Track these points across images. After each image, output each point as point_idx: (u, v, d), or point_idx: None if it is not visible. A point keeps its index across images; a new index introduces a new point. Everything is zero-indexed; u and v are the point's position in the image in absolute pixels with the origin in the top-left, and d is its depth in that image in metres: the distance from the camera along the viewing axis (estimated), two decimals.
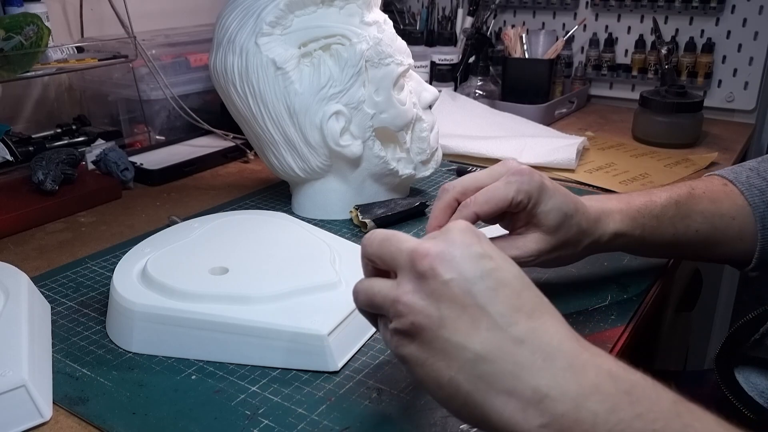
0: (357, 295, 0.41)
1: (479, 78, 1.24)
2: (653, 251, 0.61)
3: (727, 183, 0.61)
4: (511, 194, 0.49)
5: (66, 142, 0.94)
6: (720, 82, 1.28)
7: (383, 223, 0.73)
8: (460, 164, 0.96)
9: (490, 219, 0.52)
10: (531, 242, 0.52)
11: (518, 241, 0.52)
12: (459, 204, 0.50)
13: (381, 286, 0.39)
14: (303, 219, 0.70)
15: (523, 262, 0.52)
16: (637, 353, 0.60)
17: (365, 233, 0.73)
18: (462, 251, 0.36)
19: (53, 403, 0.46)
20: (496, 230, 0.55)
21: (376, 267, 0.41)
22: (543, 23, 1.42)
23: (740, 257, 0.60)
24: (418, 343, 0.36)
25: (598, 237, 0.54)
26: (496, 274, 0.36)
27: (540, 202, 0.50)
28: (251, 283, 0.53)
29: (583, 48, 1.40)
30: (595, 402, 0.31)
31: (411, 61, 0.75)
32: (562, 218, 0.51)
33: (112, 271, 0.56)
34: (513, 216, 0.52)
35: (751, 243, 0.59)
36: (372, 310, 0.40)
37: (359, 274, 0.42)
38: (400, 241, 0.39)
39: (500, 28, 1.45)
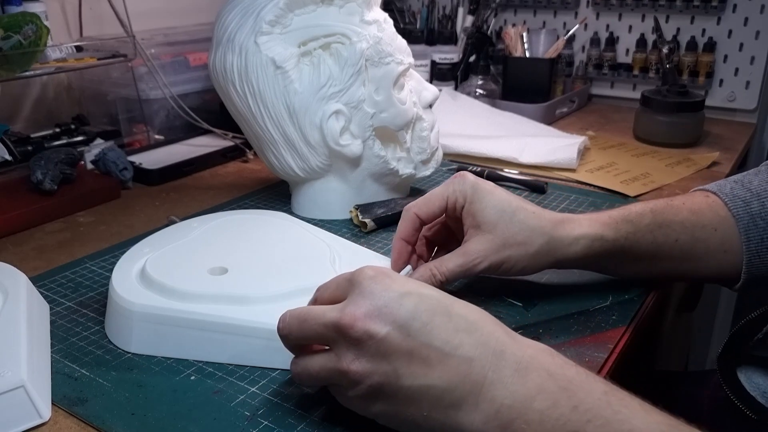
0: (299, 378, 0.43)
1: (480, 77, 1.24)
2: (635, 265, 0.57)
3: (709, 195, 0.58)
4: (446, 193, 0.54)
5: (65, 141, 0.94)
6: (721, 81, 1.28)
7: (383, 222, 0.73)
8: (460, 164, 0.96)
9: (434, 225, 0.57)
10: (473, 244, 0.53)
11: (461, 248, 0.54)
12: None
13: (320, 363, 0.40)
14: (303, 219, 0.70)
15: (472, 268, 0.53)
16: (639, 354, 0.60)
17: (365, 233, 0.73)
18: (384, 300, 0.38)
19: (52, 403, 0.46)
20: None
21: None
22: (544, 22, 1.42)
23: (727, 273, 0.57)
24: (383, 400, 0.38)
25: (558, 239, 0.53)
26: (423, 307, 0.38)
27: (475, 200, 0.53)
28: (251, 283, 0.53)
29: (584, 47, 1.40)
30: (539, 401, 0.35)
31: (411, 60, 0.75)
32: (499, 214, 0.52)
33: (111, 271, 0.56)
34: (458, 226, 0.55)
35: (737, 256, 0.56)
36: (322, 385, 0.42)
37: None
38: (317, 316, 0.40)
39: (501, 27, 1.45)
